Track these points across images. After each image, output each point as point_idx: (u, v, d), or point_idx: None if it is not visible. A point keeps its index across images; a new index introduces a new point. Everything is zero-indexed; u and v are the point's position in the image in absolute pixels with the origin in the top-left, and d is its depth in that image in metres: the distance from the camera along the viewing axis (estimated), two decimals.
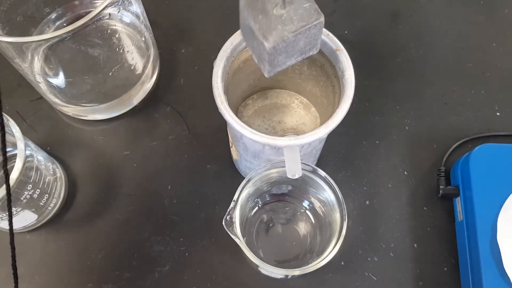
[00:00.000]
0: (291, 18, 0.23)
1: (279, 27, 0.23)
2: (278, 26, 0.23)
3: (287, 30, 0.23)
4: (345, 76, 0.29)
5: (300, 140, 0.27)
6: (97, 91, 0.38)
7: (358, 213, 0.38)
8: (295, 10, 0.23)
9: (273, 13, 0.23)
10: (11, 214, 0.19)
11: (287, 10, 0.23)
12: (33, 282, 0.35)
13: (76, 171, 0.39)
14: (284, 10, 0.23)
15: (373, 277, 0.36)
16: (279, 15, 0.23)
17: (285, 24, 0.23)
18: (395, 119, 0.41)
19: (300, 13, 0.23)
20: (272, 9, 0.23)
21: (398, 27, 0.46)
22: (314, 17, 0.23)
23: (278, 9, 0.23)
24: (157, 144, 0.40)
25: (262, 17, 0.23)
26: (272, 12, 0.23)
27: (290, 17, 0.23)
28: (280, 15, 0.23)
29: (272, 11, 0.23)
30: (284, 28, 0.23)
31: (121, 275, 0.35)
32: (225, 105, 0.28)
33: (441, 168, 0.38)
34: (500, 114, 0.41)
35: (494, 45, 0.45)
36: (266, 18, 0.23)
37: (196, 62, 0.43)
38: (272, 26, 0.23)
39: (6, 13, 0.36)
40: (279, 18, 0.23)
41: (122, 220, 0.37)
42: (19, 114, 0.41)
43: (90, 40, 0.32)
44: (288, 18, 0.23)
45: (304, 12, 0.23)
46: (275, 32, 0.23)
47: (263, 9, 0.23)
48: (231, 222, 0.29)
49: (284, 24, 0.23)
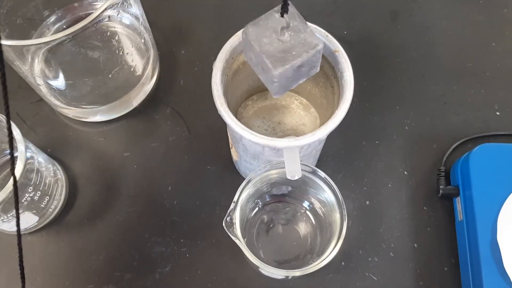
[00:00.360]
0: (295, 46, 0.25)
1: (285, 55, 0.25)
2: (284, 53, 0.25)
3: (292, 58, 0.25)
4: (344, 77, 0.29)
5: (299, 141, 0.27)
6: (97, 93, 0.38)
7: (358, 213, 0.38)
8: (297, 38, 0.25)
9: (279, 40, 0.25)
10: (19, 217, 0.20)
11: (290, 39, 0.25)
12: (34, 283, 0.35)
13: (77, 173, 0.39)
14: (288, 38, 0.25)
15: (374, 277, 0.36)
16: (284, 44, 0.25)
17: (290, 53, 0.25)
18: (395, 119, 0.41)
19: (302, 40, 0.25)
20: (277, 38, 0.25)
21: (397, 27, 0.46)
22: (315, 43, 0.25)
23: (282, 37, 0.25)
24: (157, 145, 0.40)
25: (268, 46, 0.25)
26: (277, 41, 0.25)
27: (293, 45, 0.25)
28: (285, 44, 0.25)
29: (277, 40, 0.25)
30: (290, 56, 0.25)
31: (122, 276, 0.36)
32: (225, 107, 0.28)
33: (441, 168, 0.38)
34: (500, 114, 0.41)
35: (494, 44, 0.45)
36: (272, 47, 0.25)
37: (196, 63, 0.43)
38: (279, 54, 0.25)
39: (6, 15, 0.36)
40: (284, 46, 0.25)
41: (122, 221, 0.37)
42: (20, 116, 0.41)
43: (90, 42, 0.32)
44: (292, 46, 0.25)
45: (305, 39, 0.25)
46: (282, 60, 0.24)
47: (270, 37, 0.25)
48: (231, 223, 0.29)
49: (289, 52, 0.25)
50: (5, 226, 0.34)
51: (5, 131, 0.32)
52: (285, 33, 0.25)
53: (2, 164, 0.38)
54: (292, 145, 0.27)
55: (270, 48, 0.25)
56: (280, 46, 0.25)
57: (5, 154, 0.38)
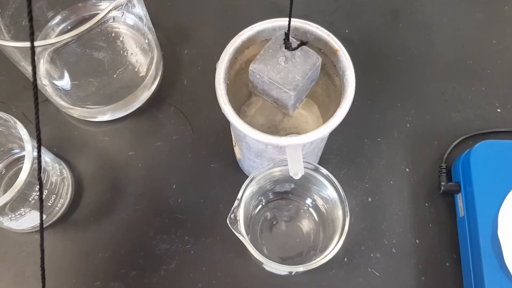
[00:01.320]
0: (299, 66, 0.28)
1: (291, 75, 0.28)
2: (291, 75, 0.28)
3: (301, 76, 0.28)
4: (346, 75, 0.29)
5: (301, 139, 0.27)
6: (102, 93, 0.38)
7: (360, 210, 0.38)
8: (299, 58, 0.28)
9: (284, 66, 0.28)
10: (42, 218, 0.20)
11: (293, 61, 0.28)
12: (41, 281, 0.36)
13: (82, 172, 0.40)
14: (290, 63, 0.28)
15: (376, 273, 0.36)
16: (287, 67, 0.28)
17: (296, 72, 0.28)
18: (396, 117, 0.42)
19: (303, 59, 0.28)
20: (282, 63, 0.28)
21: (398, 25, 0.46)
22: (315, 59, 0.28)
23: (283, 63, 0.28)
24: (162, 144, 0.41)
25: (274, 72, 0.28)
26: (283, 65, 0.28)
27: (297, 65, 0.28)
28: (287, 67, 0.28)
29: (282, 65, 0.28)
30: (298, 74, 0.28)
31: (128, 273, 0.36)
32: (228, 106, 0.28)
33: (442, 164, 0.39)
34: (500, 111, 0.42)
35: (494, 42, 0.45)
36: (278, 73, 0.28)
37: (199, 63, 0.44)
38: (289, 77, 0.28)
39: (11, 17, 0.36)
40: (288, 69, 0.28)
41: (128, 219, 0.38)
42: (26, 116, 0.41)
43: (95, 43, 0.33)
44: (296, 67, 0.28)
45: (305, 58, 0.28)
46: (292, 81, 0.28)
47: (273, 66, 0.28)
48: (235, 220, 0.30)
49: (295, 72, 0.28)
50: (12, 224, 0.34)
51: (13, 131, 0.33)
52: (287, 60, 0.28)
53: (10, 163, 0.38)
54: (295, 143, 0.27)
55: (278, 75, 0.28)
56: (286, 70, 0.28)
57: (13, 154, 0.38)
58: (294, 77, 0.28)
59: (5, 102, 0.42)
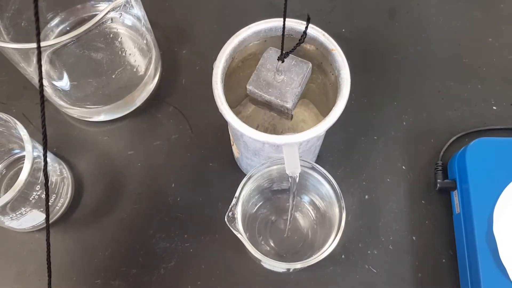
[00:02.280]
0: (293, 77, 0.30)
1: (287, 88, 0.30)
2: (287, 88, 0.30)
3: (295, 87, 0.30)
4: (341, 74, 0.29)
5: (298, 138, 0.28)
6: (101, 93, 0.38)
7: (357, 207, 0.38)
8: (289, 70, 0.30)
9: (278, 82, 0.30)
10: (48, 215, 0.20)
11: (284, 74, 0.30)
12: (43, 279, 0.36)
13: (82, 171, 0.40)
14: (282, 75, 0.30)
15: (373, 269, 0.37)
16: (281, 80, 0.30)
17: (290, 83, 0.30)
18: (393, 115, 0.42)
19: (294, 69, 0.30)
20: (274, 79, 0.30)
21: (395, 24, 0.46)
22: (305, 67, 0.30)
23: (277, 76, 0.30)
24: (160, 143, 0.41)
25: (271, 89, 0.30)
26: (275, 81, 0.30)
27: (290, 77, 0.30)
28: (282, 80, 0.30)
29: (275, 81, 0.30)
30: (292, 87, 0.30)
31: (128, 272, 0.37)
32: (225, 106, 0.29)
33: (438, 162, 0.39)
34: (496, 108, 0.42)
35: (490, 40, 0.45)
36: (274, 88, 0.30)
37: (197, 63, 0.44)
38: (283, 91, 0.30)
39: (10, 19, 0.37)
40: (283, 82, 0.30)
41: (127, 218, 0.38)
42: (26, 116, 0.42)
43: (94, 44, 0.33)
44: (290, 78, 0.30)
45: (296, 67, 0.30)
46: (288, 94, 0.30)
47: (268, 83, 0.30)
48: (233, 218, 0.30)
49: (289, 84, 0.30)
50: (14, 224, 0.35)
51: (13, 132, 0.33)
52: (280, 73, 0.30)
53: (11, 163, 0.39)
54: (291, 141, 0.28)
55: (274, 92, 0.30)
56: (281, 84, 0.30)
57: (13, 154, 0.39)
58: (289, 89, 0.29)
59: (5, 103, 0.43)
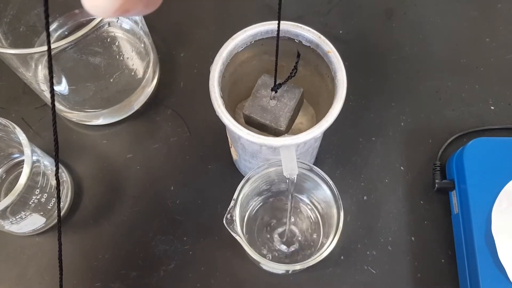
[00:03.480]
0: (285, 102, 0.32)
1: (281, 113, 0.31)
2: (280, 112, 0.31)
3: (288, 111, 0.31)
4: (338, 76, 0.30)
5: (295, 140, 0.28)
6: (100, 97, 0.39)
7: (356, 208, 0.39)
8: (282, 95, 0.32)
9: (271, 106, 0.32)
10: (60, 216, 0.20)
11: (277, 99, 0.32)
12: (43, 283, 0.36)
13: (81, 175, 0.40)
14: (275, 100, 0.32)
15: (372, 270, 0.37)
16: (275, 105, 0.31)
17: (283, 108, 0.31)
18: (391, 116, 0.42)
19: (287, 95, 0.32)
20: (268, 104, 0.32)
21: (392, 25, 0.46)
22: (297, 92, 0.32)
23: (271, 101, 0.32)
24: (159, 146, 0.41)
25: (266, 114, 0.31)
26: (270, 106, 0.32)
27: (283, 102, 0.32)
28: (275, 105, 0.32)
29: (269, 106, 0.32)
30: (285, 111, 0.31)
31: (127, 274, 0.37)
32: (222, 108, 0.29)
33: (437, 162, 0.39)
34: (494, 108, 0.42)
35: (488, 40, 0.45)
36: (268, 112, 0.31)
37: (195, 66, 0.44)
38: (277, 115, 0.31)
39: (9, 24, 0.37)
40: (276, 107, 0.32)
41: (127, 221, 0.38)
42: (25, 121, 0.42)
43: (91, 48, 0.33)
44: (282, 103, 0.32)
45: (288, 92, 0.32)
46: (281, 118, 0.31)
47: (262, 108, 0.32)
48: (231, 220, 0.30)
49: (282, 108, 0.31)
50: (14, 228, 0.35)
51: (12, 136, 0.34)
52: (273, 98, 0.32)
53: (10, 168, 0.39)
54: (288, 144, 0.28)
55: (269, 116, 0.31)
56: (275, 109, 0.31)
57: (12, 158, 0.39)
58: (283, 113, 0.31)
59: (5, 108, 0.43)
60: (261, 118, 0.31)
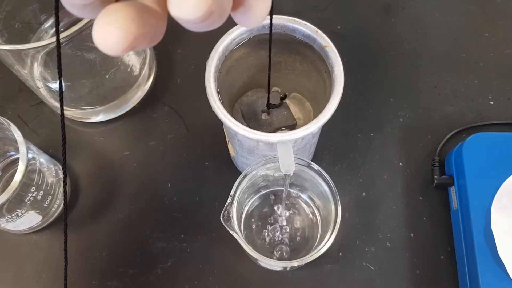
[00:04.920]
0: (273, 121, 0.34)
1: (264, 127, 0.34)
2: (264, 126, 0.34)
3: (269, 130, 0.34)
4: (335, 71, 0.29)
5: (292, 136, 0.28)
6: (96, 94, 0.38)
7: (354, 205, 0.38)
8: (277, 116, 0.34)
9: (262, 118, 0.34)
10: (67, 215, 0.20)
11: (271, 116, 0.34)
12: (40, 281, 0.36)
13: (78, 172, 0.40)
14: (268, 116, 0.34)
15: (371, 266, 0.36)
16: (266, 120, 0.34)
17: (269, 125, 0.34)
18: (389, 112, 0.42)
19: (280, 118, 0.34)
20: (261, 115, 0.34)
21: (390, 20, 0.46)
22: (290, 121, 0.35)
23: (266, 115, 0.34)
24: (156, 143, 0.41)
25: (254, 121, 0.34)
26: (261, 117, 0.34)
27: (273, 120, 0.34)
28: (266, 119, 0.34)
29: (261, 117, 0.34)
30: (267, 128, 0.34)
31: (125, 272, 0.36)
32: (218, 104, 0.28)
33: (436, 158, 0.39)
34: (493, 103, 0.42)
35: (487, 34, 0.45)
36: (256, 122, 0.34)
37: (192, 62, 0.44)
38: (260, 127, 0.34)
39: (4, 20, 0.37)
40: (266, 121, 0.34)
41: (124, 218, 0.38)
42: (21, 118, 0.42)
43: (86, 44, 0.33)
44: (271, 121, 0.34)
45: (283, 117, 0.34)
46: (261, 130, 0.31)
47: (255, 115, 0.34)
48: (228, 217, 0.30)
49: (268, 125, 0.34)
50: (9, 226, 0.35)
51: (8, 134, 0.33)
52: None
53: (6, 165, 0.39)
54: (285, 139, 0.28)
55: (255, 123, 0.34)
56: (263, 121, 0.34)
57: (8, 156, 0.39)
58: (264, 128, 0.34)
59: (1, 105, 0.43)
60: (247, 122, 0.34)
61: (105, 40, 0.13)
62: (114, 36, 0.13)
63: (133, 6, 0.13)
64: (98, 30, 0.13)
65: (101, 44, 0.13)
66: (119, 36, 0.13)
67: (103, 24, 0.13)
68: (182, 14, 0.13)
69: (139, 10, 0.13)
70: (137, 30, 0.13)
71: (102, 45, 0.13)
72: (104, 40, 0.13)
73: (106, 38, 0.13)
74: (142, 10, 0.14)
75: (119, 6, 0.13)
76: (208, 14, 0.13)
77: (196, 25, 0.14)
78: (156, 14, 0.14)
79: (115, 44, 0.13)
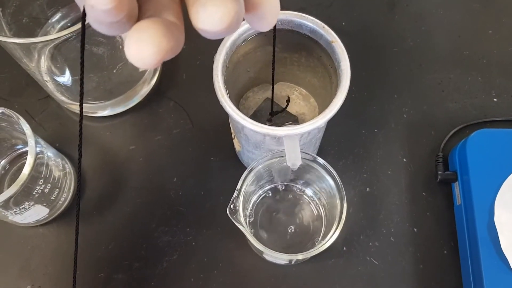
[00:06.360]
0: (276, 124, 0.35)
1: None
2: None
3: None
4: (341, 66, 0.29)
5: (298, 130, 0.28)
6: (102, 88, 0.39)
7: (358, 200, 0.39)
8: (278, 118, 0.35)
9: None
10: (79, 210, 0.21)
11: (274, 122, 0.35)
12: (47, 273, 0.37)
13: (85, 166, 0.40)
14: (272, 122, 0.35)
15: (375, 261, 0.37)
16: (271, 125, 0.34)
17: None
18: (393, 108, 0.42)
19: (282, 120, 0.35)
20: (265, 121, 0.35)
21: (394, 17, 0.46)
22: (292, 118, 0.35)
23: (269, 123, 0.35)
24: (162, 138, 0.41)
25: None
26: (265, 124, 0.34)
27: (276, 123, 0.35)
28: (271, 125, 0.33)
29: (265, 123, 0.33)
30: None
31: (131, 265, 0.37)
32: (226, 98, 0.29)
33: (439, 154, 0.39)
34: (496, 100, 0.42)
35: (490, 32, 0.45)
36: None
37: (198, 57, 0.44)
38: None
39: (12, 15, 0.37)
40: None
41: (130, 212, 0.39)
42: (28, 112, 0.42)
43: (94, 39, 0.33)
44: (274, 124, 0.35)
45: (284, 119, 0.35)
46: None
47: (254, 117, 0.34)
48: (235, 211, 0.30)
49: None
50: (17, 218, 0.35)
51: (16, 127, 0.34)
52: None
53: (14, 159, 0.39)
54: (292, 133, 0.28)
55: None
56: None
57: (16, 149, 0.39)
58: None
59: (8, 99, 0.43)
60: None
61: (140, 57, 0.14)
62: (148, 52, 0.14)
63: (161, 23, 0.14)
64: (132, 47, 0.14)
65: (135, 60, 0.14)
66: (152, 52, 0.14)
67: (135, 42, 0.14)
68: (208, 27, 0.14)
69: (166, 26, 0.14)
70: (167, 45, 0.14)
71: (136, 61, 0.14)
72: (138, 57, 0.14)
73: (139, 54, 0.14)
74: (169, 25, 0.14)
75: (149, 23, 0.14)
76: (231, 25, 0.14)
77: (216, 35, 0.15)
78: (179, 28, 0.15)
79: (148, 59, 0.14)
